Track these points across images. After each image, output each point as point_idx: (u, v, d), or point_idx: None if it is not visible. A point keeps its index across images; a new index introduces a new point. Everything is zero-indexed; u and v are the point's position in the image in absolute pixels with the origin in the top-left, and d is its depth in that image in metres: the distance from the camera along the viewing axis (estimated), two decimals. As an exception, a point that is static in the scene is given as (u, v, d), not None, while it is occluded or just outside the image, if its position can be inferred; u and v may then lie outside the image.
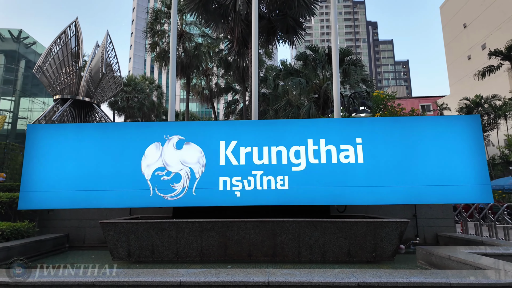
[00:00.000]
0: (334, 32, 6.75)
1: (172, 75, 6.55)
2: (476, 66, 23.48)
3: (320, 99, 16.00)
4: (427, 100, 32.93)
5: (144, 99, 29.39)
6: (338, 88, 6.45)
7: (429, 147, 4.72)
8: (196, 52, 21.82)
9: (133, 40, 70.23)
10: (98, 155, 4.94)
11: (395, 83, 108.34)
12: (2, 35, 25.18)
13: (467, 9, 25.81)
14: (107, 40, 13.81)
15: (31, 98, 27.20)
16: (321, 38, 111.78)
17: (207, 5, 11.81)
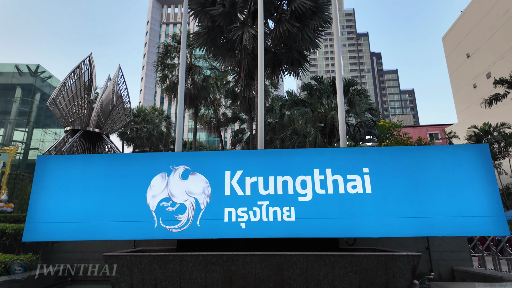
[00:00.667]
0: (338, 64, 6.92)
1: (180, 107, 6.70)
2: (482, 94, 23.54)
3: (326, 128, 16.07)
4: (435, 128, 32.77)
5: (153, 129, 29.93)
6: (343, 118, 6.49)
7: (439, 177, 4.62)
8: (204, 84, 22.47)
9: (144, 73, 72.99)
10: (104, 187, 4.96)
11: (402, 111, 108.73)
12: (21, 70, 26.48)
13: (469, 40, 26.33)
14: (118, 74, 14.39)
15: (43, 129, 27.98)
16: (326, 69, 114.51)
17: (215, 40, 12.34)
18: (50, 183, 4.99)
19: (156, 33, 76.97)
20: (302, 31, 11.19)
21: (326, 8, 11.40)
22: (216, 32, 11.98)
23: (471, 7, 25.91)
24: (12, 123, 25.85)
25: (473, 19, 25.64)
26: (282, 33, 11.00)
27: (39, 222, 4.80)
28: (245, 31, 10.63)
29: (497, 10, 22.17)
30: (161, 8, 79.84)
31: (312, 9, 10.94)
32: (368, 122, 15.22)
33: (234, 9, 11.46)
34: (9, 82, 26.60)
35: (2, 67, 26.81)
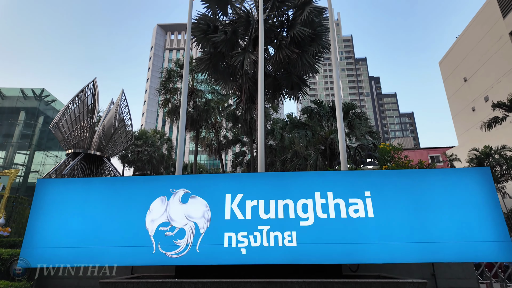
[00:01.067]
0: (337, 88, 7.05)
1: (182, 130, 6.76)
2: (481, 117, 23.72)
3: (327, 150, 16.09)
4: (436, 151, 32.77)
5: (154, 152, 30.02)
6: (344, 141, 6.52)
7: (441, 201, 4.56)
8: (206, 107, 22.80)
9: (147, 96, 74.23)
10: (103, 210, 4.90)
11: (402, 134, 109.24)
12: (26, 94, 27.00)
13: (465, 64, 26.88)
14: (121, 97, 14.65)
15: (45, 152, 28.09)
16: (325, 92, 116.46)
17: (217, 66, 12.65)
18: (48, 207, 4.95)
19: (160, 58, 79.05)
20: (302, 56, 11.49)
21: (324, 35, 11.78)
22: (218, 57, 12.31)
23: (466, 33, 26.68)
24: (14, 146, 26.01)
25: (468, 45, 26.32)
26: (282, 58, 11.29)
27: (35, 247, 4.71)
28: (246, 57, 10.92)
29: (491, 36, 22.81)
30: (164, 34, 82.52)
31: (311, 36, 11.30)
32: (369, 145, 15.26)
33: (235, 36, 11.84)
34: (13, 106, 27.05)
35: (8, 91, 27.36)
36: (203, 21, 11.67)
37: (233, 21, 12.23)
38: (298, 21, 11.07)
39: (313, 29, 11.38)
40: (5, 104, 27.25)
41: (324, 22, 11.66)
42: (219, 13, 12.11)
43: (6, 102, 27.26)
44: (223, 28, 11.84)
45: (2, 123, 26.40)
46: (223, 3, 11.76)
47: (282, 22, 12.38)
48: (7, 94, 27.27)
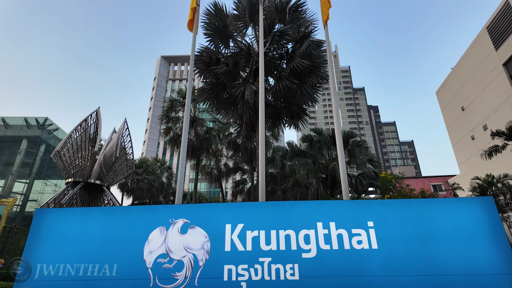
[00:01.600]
0: (337, 117, 7.15)
1: (182, 158, 6.77)
2: (481, 145, 23.79)
3: (328, 179, 15.99)
4: (438, 179, 32.52)
5: (154, 180, 29.84)
6: (345, 170, 6.50)
7: (446, 231, 4.46)
8: (207, 136, 22.99)
9: (148, 125, 75.13)
10: (101, 241, 4.79)
11: (403, 162, 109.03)
12: (29, 123, 27.37)
13: (462, 94, 27.38)
14: (124, 126, 14.83)
15: (44, 180, 27.94)
16: (325, 121, 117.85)
17: (219, 96, 12.93)
18: (45, 238, 4.84)
19: (162, 88, 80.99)
20: (301, 87, 11.77)
21: (322, 66, 12.15)
22: (219, 88, 12.61)
23: (461, 63, 27.46)
24: (14, 174, 25.92)
25: (463, 75, 26.99)
26: (282, 89, 11.56)
27: (30, 279, 4.55)
28: (247, 87, 11.18)
29: (485, 67, 23.46)
30: (168, 65, 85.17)
31: (309, 68, 11.65)
32: (370, 173, 15.19)
33: (237, 68, 12.21)
34: (16, 135, 27.32)
35: (12, 120, 27.76)
36: (206, 53, 12.09)
37: (234, 54, 12.67)
38: (297, 54, 11.46)
39: (312, 61, 11.76)
40: (8, 133, 27.53)
41: (322, 54, 12.07)
42: (221, 46, 12.59)
43: (9, 130, 27.57)
44: (225, 60, 12.24)
45: (3, 151, 26.52)
46: (225, 37, 12.26)
47: (281, 55, 12.82)
48: (11, 123, 27.65)
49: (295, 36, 11.87)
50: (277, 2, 11.73)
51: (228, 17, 11.96)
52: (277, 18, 11.94)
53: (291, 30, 11.96)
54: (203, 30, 12.02)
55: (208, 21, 11.84)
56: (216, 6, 11.68)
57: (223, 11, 11.79)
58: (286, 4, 11.61)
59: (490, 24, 22.03)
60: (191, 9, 8.14)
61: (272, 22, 11.91)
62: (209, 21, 11.84)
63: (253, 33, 12.62)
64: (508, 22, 20.08)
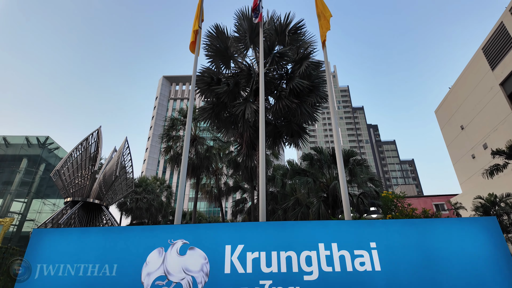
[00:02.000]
0: (337, 137, 7.17)
1: (182, 178, 6.74)
2: (482, 164, 23.72)
3: (329, 198, 15.84)
4: (440, 199, 32.20)
5: (153, 200, 29.56)
6: (346, 190, 6.46)
7: (450, 252, 4.37)
8: (207, 154, 22.99)
9: (149, 144, 75.31)
10: (99, 262, 4.69)
11: (404, 181, 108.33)
12: (30, 142, 27.46)
13: (461, 113, 27.59)
14: (124, 145, 14.86)
15: (43, 200, 27.69)
16: (325, 139, 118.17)
17: (219, 115, 13.05)
18: (41, 258, 4.75)
19: (164, 107, 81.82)
20: (301, 106, 11.90)
21: (322, 86, 12.33)
22: (220, 107, 12.75)
23: (458, 83, 27.85)
24: (12, 193, 25.72)
25: (461, 95, 27.32)
26: (282, 108, 11.68)
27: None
28: (248, 107, 11.30)
29: (482, 87, 23.78)
30: (169, 85, 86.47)
31: (309, 88, 11.82)
32: (371, 192, 15.07)
33: (237, 88, 12.40)
34: (17, 153, 27.34)
35: (13, 139, 27.87)
36: (207, 74, 12.31)
37: (235, 74, 12.89)
38: (297, 74, 11.66)
39: (311, 81, 11.95)
40: (8, 152, 27.57)
41: (321, 74, 12.28)
42: (222, 67, 12.83)
43: (10, 149, 27.62)
44: (225, 80, 12.44)
45: (3, 170, 26.44)
46: (226, 58, 12.52)
47: (281, 75, 13.05)
48: (12, 142, 27.74)
49: (295, 57, 12.12)
50: (276, 25, 12.06)
51: (229, 39, 12.26)
52: (276, 40, 12.24)
53: (291, 52, 12.23)
54: (205, 52, 12.29)
55: (209, 42, 12.13)
56: (217, 29, 12.00)
57: (224, 33, 12.10)
58: (285, 27, 11.94)
59: (486, 45, 22.53)
60: (193, 32, 8.36)
61: (272, 43, 12.21)
62: (211, 43, 12.13)
63: (254, 54, 12.90)
64: (503, 43, 20.55)
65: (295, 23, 12.07)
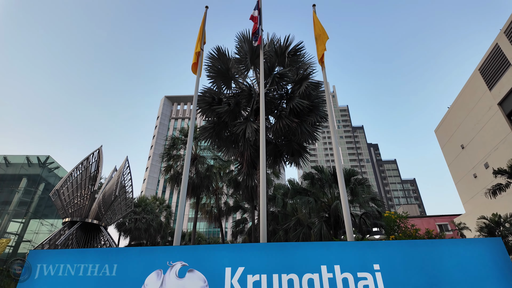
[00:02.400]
0: (337, 156, 7.17)
1: (182, 197, 6.69)
2: (484, 183, 23.54)
3: (331, 218, 15.62)
4: (443, 219, 31.72)
5: (152, 220, 29.16)
6: (348, 210, 6.38)
7: (453, 274, 4.26)
8: (208, 173, 22.90)
9: (149, 163, 75.23)
10: (96, 285, 4.57)
11: (406, 201, 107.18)
12: (30, 161, 27.47)
13: (460, 132, 27.64)
14: (125, 165, 14.84)
15: (40, 220, 27.34)
16: (326, 158, 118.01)
17: (220, 134, 13.12)
18: (37, 281, 4.63)
19: (165, 126, 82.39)
20: (301, 125, 11.98)
21: (321, 106, 12.46)
22: (221, 126, 12.84)
23: (456, 103, 28.10)
24: (10, 213, 25.43)
25: (460, 114, 27.49)
26: (282, 127, 11.76)
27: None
28: (248, 126, 11.38)
29: (481, 107, 23.97)
30: (171, 105, 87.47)
31: (309, 107, 11.95)
32: (373, 212, 14.87)
33: (238, 107, 12.53)
34: (17, 173, 27.28)
35: (14, 159, 27.89)
36: (209, 94, 12.49)
37: (236, 94, 13.07)
38: (297, 94, 11.82)
39: (311, 101, 12.09)
40: (8, 171, 27.50)
41: (320, 94, 12.44)
42: (223, 87, 13.04)
43: (10, 169, 27.58)
44: (226, 100, 12.60)
45: (2, 190, 26.27)
46: (227, 79, 12.74)
47: (281, 95, 13.23)
48: (12, 162, 27.74)
49: (294, 77, 12.33)
50: (276, 47, 12.36)
51: (230, 61, 12.53)
52: (276, 61, 12.50)
53: (290, 72, 12.46)
54: (206, 73, 12.53)
55: (211, 64, 12.38)
56: (219, 51, 12.29)
57: (226, 55, 12.38)
58: (285, 49, 12.22)
59: (482, 66, 22.94)
60: (195, 53, 8.56)
61: (272, 65, 12.46)
62: (212, 64, 12.38)
63: (254, 75, 13.14)
64: (499, 64, 20.93)
65: (295, 45, 12.37)
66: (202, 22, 9.23)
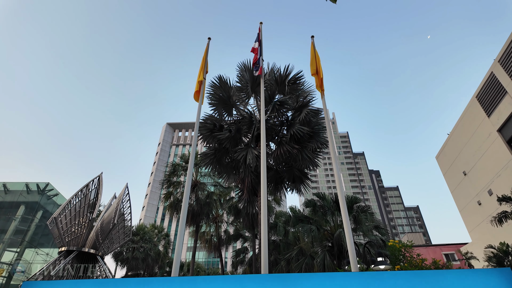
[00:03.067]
0: (339, 183, 7.12)
1: (181, 227, 6.56)
2: (489, 211, 23.12)
3: (334, 247, 15.18)
4: (449, 248, 30.84)
5: (150, 249, 28.40)
6: (351, 239, 6.24)
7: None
8: (208, 200, 22.61)
9: (149, 189, 74.60)
10: (88, 319, 4.38)
11: (410, 229, 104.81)
12: (30, 188, 27.27)
13: (462, 159, 27.53)
14: (124, 192, 14.71)
15: (36, 249, 26.65)
16: (327, 185, 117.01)
17: (221, 160, 13.12)
18: (27, 316, 4.43)
19: (166, 153, 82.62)
20: (302, 152, 12.01)
21: (322, 132, 12.56)
22: (222, 153, 12.87)
23: (456, 130, 28.26)
24: (5, 242, 24.85)
25: (460, 141, 27.56)
26: (283, 153, 11.78)
27: None
28: (249, 152, 11.41)
29: (480, 133, 24.08)
30: (173, 132, 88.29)
31: (309, 134, 12.04)
32: (377, 241, 14.49)
33: (239, 134, 12.64)
34: (15, 200, 26.99)
35: (13, 186, 27.72)
36: (210, 121, 12.65)
37: (237, 121, 13.24)
38: (297, 121, 11.96)
39: (311, 127, 12.21)
40: (7, 199, 27.23)
41: (320, 121, 12.59)
42: (224, 114, 13.24)
43: (8, 196, 27.32)
44: (228, 126, 12.74)
45: None
46: (228, 106, 12.97)
47: (282, 122, 13.38)
48: (11, 188, 27.53)
49: (294, 105, 12.54)
50: (277, 76, 12.68)
51: (231, 89, 12.81)
52: (277, 89, 12.79)
53: (290, 100, 12.69)
54: (208, 100, 12.77)
55: (213, 92, 12.66)
56: (220, 79, 12.61)
57: (227, 83, 12.69)
58: (285, 78, 12.54)
59: (479, 93, 23.36)
60: (198, 82, 8.78)
61: (273, 93, 12.72)
62: (214, 92, 12.65)
63: (255, 102, 13.38)
64: (495, 92, 21.32)
65: (294, 74, 12.71)
66: (205, 52, 9.57)
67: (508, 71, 19.69)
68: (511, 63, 19.44)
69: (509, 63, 19.58)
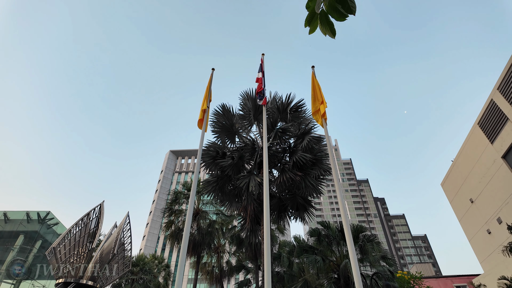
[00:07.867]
0: (343, 211, 6.99)
1: (182, 258, 6.39)
2: (499, 240, 22.36)
3: (340, 279, 14.60)
4: (461, 280, 29.49)
5: (150, 281, 27.43)
6: (358, 271, 6.02)
7: None
8: (210, 229, 22.16)
9: (150, 218, 73.41)
10: None
11: (419, 259, 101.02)
12: (30, 217, 26.95)
13: (467, 186, 27.07)
14: (125, 221, 14.48)
15: (32, 281, 25.82)
16: (332, 213, 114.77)
17: (223, 187, 13.04)
18: None
19: (168, 180, 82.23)
20: (305, 179, 11.93)
21: (324, 159, 12.54)
22: (224, 180, 12.82)
23: (460, 157, 28.06)
24: (2, 274, 24.16)
25: (465, 168, 27.26)
26: (285, 181, 11.70)
27: None
28: (252, 179, 11.35)
29: (485, 160, 23.87)
30: (175, 159, 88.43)
31: (312, 161, 12.03)
32: (385, 272, 13.94)
33: (242, 161, 12.66)
34: (14, 230, 26.60)
35: (13, 215, 27.45)
36: (213, 148, 12.73)
37: (239, 148, 13.31)
38: (299, 148, 12.01)
39: (314, 154, 12.22)
40: (6, 228, 26.84)
41: (323, 148, 12.62)
42: (227, 142, 13.35)
43: (8, 225, 26.96)
44: (230, 154, 12.79)
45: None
46: (231, 134, 13.11)
47: (284, 149, 13.43)
48: (12, 217, 27.23)
49: (297, 132, 12.65)
50: (279, 104, 12.92)
51: (234, 117, 13.02)
52: (279, 117, 12.97)
53: (293, 127, 12.82)
54: (211, 128, 12.94)
55: (216, 119, 12.86)
56: (224, 108, 12.86)
57: (230, 111, 12.92)
58: (287, 106, 12.77)
59: (481, 120, 23.46)
60: (202, 111, 8.96)
61: (275, 120, 12.89)
62: (217, 120, 12.85)
63: (257, 129, 13.52)
64: (497, 119, 21.42)
65: (296, 102, 12.94)
66: (209, 82, 9.84)
67: (508, 98, 19.92)
68: (510, 90, 19.70)
69: (508, 91, 19.85)
